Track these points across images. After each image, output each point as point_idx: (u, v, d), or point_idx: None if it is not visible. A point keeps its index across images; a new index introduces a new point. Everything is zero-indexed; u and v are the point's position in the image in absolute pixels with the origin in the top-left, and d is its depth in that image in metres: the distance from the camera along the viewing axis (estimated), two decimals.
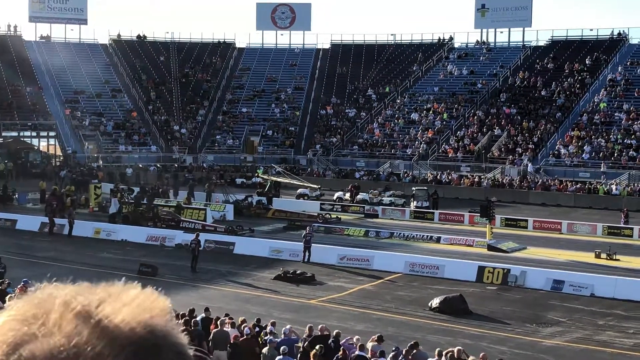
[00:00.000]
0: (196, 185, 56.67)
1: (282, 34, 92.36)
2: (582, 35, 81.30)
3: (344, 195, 54.79)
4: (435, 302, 25.68)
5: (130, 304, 1.35)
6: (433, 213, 48.80)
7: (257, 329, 19.31)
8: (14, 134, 70.63)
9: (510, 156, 63.93)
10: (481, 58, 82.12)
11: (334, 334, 18.70)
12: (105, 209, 47.54)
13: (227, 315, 19.81)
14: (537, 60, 78.11)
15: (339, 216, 48.01)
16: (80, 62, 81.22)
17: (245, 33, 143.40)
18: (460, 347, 18.07)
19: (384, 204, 52.16)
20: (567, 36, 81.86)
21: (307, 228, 35.80)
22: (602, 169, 59.29)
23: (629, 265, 34.20)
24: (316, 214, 47.55)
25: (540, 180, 58.70)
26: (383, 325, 23.43)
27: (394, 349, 18.01)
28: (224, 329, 18.88)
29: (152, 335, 1.32)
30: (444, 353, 17.32)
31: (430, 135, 70.48)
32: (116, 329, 1.29)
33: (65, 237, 39.96)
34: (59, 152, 70.84)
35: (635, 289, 28.01)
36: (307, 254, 33.48)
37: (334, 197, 54.91)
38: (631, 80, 70.39)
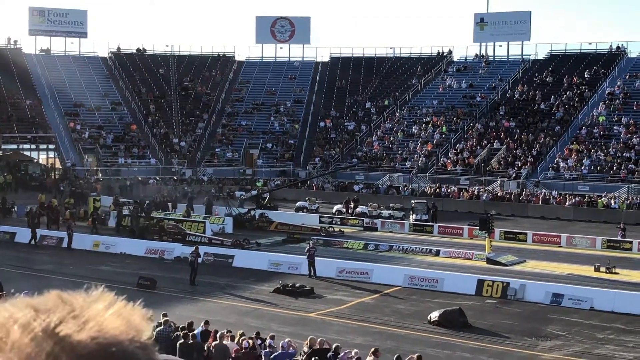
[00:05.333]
0: (195, 198, 56.72)
1: (281, 47, 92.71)
2: (580, 49, 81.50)
3: (343, 208, 54.77)
4: (434, 315, 25.61)
5: (95, 319, 1.31)
6: (432, 226, 48.76)
7: (259, 341, 19.29)
8: (14, 146, 70.59)
9: (510, 169, 64.00)
10: (480, 71, 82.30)
11: (334, 347, 18.66)
12: (104, 221, 47.52)
13: (228, 331, 19.75)
14: (536, 74, 78.29)
15: (342, 229, 47.97)
16: (80, 75, 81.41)
17: (245, 46, 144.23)
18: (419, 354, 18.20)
19: (383, 216, 52.12)
20: (565, 50, 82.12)
21: (310, 242, 35.62)
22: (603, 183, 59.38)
23: (628, 278, 34.14)
24: (319, 227, 47.49)
25: (542, 193, 58.71)
26: (382, 338, 23.37)
27: None
28: (223, 342, 18.85)
29: (114, 356, 1.28)
30: None
31: (429, 148, 70.54)
32: (76, 349, 1.26)
33: (64, 249, 39.92)
34: (58, 165, 70.82)
35: (635, 303, 27.97)
36: (311, 269, 33.21)
37: (333, 210, 54.93)
38: (630, 93, 70.52)
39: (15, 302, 1.37)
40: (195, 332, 19.42)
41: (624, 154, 62.50)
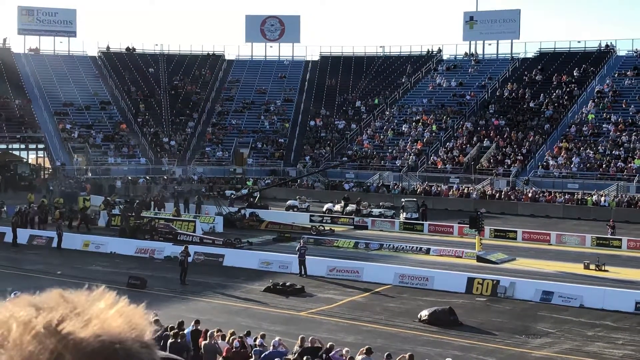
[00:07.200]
0: (184, 196, 56.59)
1: (271, 46, 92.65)
2: (570, 47, 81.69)
3: (334, 206, 54.79)
4: (424, 313, 25.66)
5: (98, 318, 1.31)
6: (422, 224, 48.84)
7: (249, 340, 19.28)
8: (3, 146, 70.37)
9: (499, 168, 64.13)
10: (470, 70, 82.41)
11: (328, 346, 18.67)
12: (94, 221, 47.37)
13: (219, 330, 19.73)
14: (526, 72, 78.47)
15: (332, 228, 47.96)
16: (69, 74, 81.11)
17: (235, 45, 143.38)
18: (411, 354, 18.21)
19: (373, 215, 52.17)
20: (555, 48, 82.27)
21: (301, 241, 35.62)
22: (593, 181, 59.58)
23: (617, 276, 34.31)
24: (310, 226, 47.47)
25: (531, 192, 58.86)
26: (373, 337, 23.41)
27: None
28: (214, 341, 18.84)
29: (118, 354, 1.28)
30: None
31: (419, 146, 70.61)
32: (80, 346, 1.26)
33: (54, 249, 39.79)
34: (47, 165, 70.61)
35: (624, 300, 28.09)
36: (302, 268, 33.22)
37: (324, 209, 54.92)
38: (619, 91, 70.76)
39: (17, 300, 1.36)
40: (185, 331, 19.40)
41: (613, 152, 62.72)
